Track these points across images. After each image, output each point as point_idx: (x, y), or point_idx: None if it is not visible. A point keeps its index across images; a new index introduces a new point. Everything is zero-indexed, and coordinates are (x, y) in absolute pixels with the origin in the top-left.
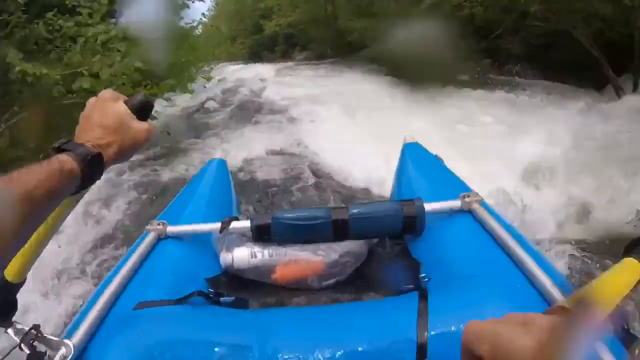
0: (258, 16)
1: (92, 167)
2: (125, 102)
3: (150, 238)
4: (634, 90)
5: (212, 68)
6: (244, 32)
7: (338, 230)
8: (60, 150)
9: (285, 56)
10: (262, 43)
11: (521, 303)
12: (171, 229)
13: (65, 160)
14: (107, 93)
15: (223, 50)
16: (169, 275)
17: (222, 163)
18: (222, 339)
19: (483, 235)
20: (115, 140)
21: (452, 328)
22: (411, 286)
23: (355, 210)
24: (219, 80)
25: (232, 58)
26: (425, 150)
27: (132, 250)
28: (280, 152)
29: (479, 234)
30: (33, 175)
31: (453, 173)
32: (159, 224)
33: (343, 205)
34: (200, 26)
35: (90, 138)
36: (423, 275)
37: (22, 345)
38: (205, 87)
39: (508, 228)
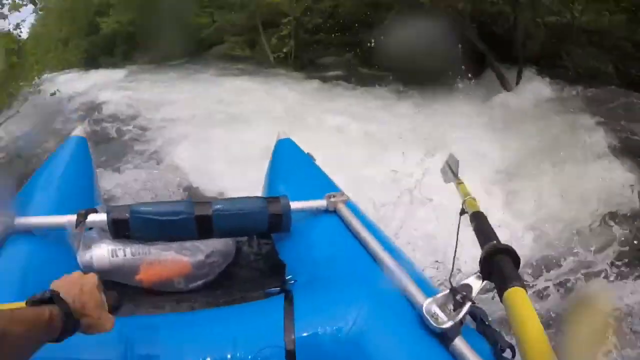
0: (93, 13)
1: (69, 329)
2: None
3: None
4: (517, 82)
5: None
6: (78, 32)
7: (202, 226)
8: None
9: (126, 59)
10: (99, 45)
11: (382, 302)
12: (21, 220)
13: (56, 315)
14: (94, 279)
15: (55, 56)
16: (18, 278)
17: (83, 141)
18: (78, 354)
19: (347, 235)
20: (91, 316)
21: (319, 330)
22: (277, 289)
23: (219, 206)
24: (52, 94)
25: (67, 65)
26: (298, 148)
27: None
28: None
29: (343, 234)
30: (24, 320)
31: (323, 172)
32: (5, 215)
33: (207, 200)
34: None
35: (77, 304)
36: (289, 277)
37: None
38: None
39: (372, 228)
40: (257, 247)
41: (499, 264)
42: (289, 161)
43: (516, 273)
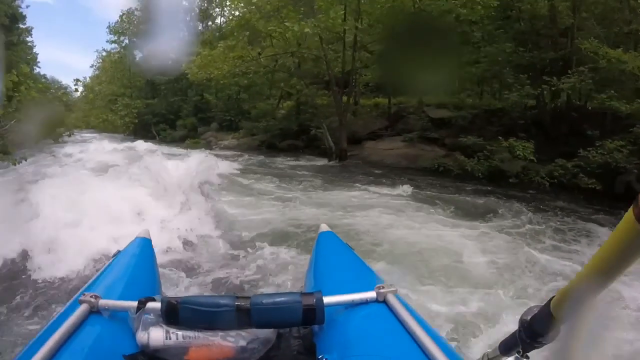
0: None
1: None
2: None
3: (82, 310)
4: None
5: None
6: (131, 91)
7: (241, 318)
8: None
9: (186, 138)
10: (157, 111)
11: None
12: (101, 302)
13: None
14: None
15: (95, 115)
16: (91, 350)
17: (148, 242)
18: None
19: (397, 325)
20: None
21: None
22: None
23: (257, 301)
24: None
25: (107, 128)
26: (339, 239)
27: (61, 319)
28: None
29: (393, 324)
30: None
31: (365, 262)
32: (91, 296)
33: (247, 295)
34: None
35: None
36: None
37: None
38: None
39: (421, 321)
40: (297, 337)
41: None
42: (331, 253)
43: None
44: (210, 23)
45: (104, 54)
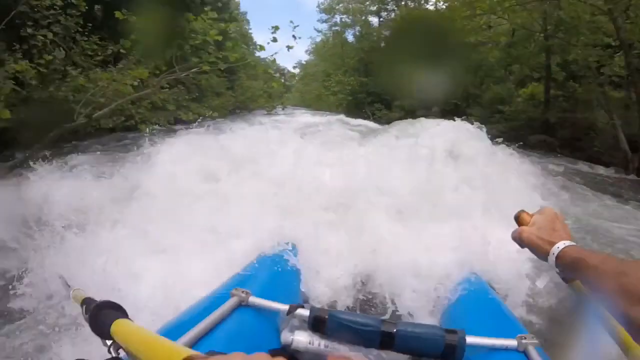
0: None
1: None
2: None
3: (232, 302)
4: None
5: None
6: (345, 68)
7: (384, 340)
8: None
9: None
10: (371, 90)
11: None
12: (251, 298)
13: None
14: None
15: (308, 92)
16: (243, 339)
17: (293, 248)
18: None
19: None
20: None
21: None
22: None
23: (402, 327)
24: None
25: (321, 107)
26: (484, 282)
27: (210, 306)
28: None
29: None
30: None
31: (508, 308)
32: (242, 292)
33: (393, 320)
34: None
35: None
36: None
37: None
38: None
39: None
40: None
41: None
42: (474, 294)
43: None
44: None
45: (318, 39)
